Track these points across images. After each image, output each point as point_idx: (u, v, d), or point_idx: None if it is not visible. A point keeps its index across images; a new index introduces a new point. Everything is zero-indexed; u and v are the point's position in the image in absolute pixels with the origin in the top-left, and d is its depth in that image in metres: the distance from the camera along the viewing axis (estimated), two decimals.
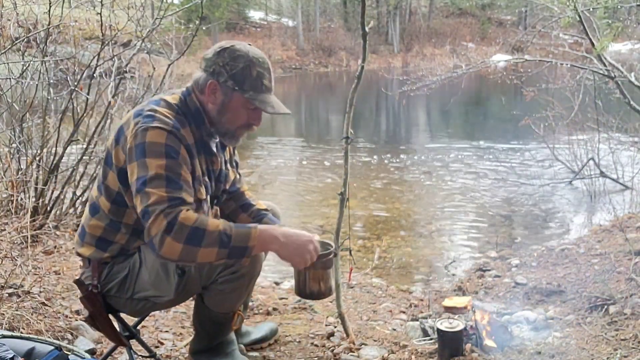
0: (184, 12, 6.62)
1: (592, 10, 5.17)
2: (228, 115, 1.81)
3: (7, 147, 3.73)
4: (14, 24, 3.78)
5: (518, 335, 2.45)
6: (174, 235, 1.57)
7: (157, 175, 1.63)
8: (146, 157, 1.65)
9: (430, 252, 4.57)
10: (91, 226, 1.86)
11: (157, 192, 1.61)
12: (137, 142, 1.67)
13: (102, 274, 1.88)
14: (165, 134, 1.68)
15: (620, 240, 3.59)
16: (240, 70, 1.76)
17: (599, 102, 6.35)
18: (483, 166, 7.84)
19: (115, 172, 1.77)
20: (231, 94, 1.79)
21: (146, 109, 1.75)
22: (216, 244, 1.60)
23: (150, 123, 1.69)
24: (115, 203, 1.81)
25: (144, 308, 1.95)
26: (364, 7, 2.35)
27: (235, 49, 1.78)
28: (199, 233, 1.59)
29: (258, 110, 1.82)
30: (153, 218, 1.59)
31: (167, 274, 1.83)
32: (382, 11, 31.53)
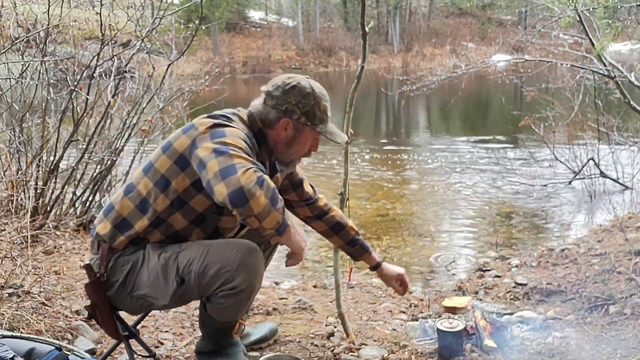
0: (184, 11, 6.62)
1: (592, 10, 5.17)
2: (296, 147, 1.97)
3: (7, 147, 3.72)
4: (13, 24, 3.77)
5: (518, 335, 2.45)
6: (264, 189, 1.64)
7: (238, 147, 1.72)
8: (225, 137, 1.75)
9: (430, 252, 4.57)
10: (121, 205, 1.90)
11: (242, 155, 1.69)
12: (215, 130, 1.78)
13: (109, 264, 1.90)
14: (243, 133, 1.82)
15: (620, 240, 3.59)
16: (311, 107, 1.92)
17: (599, 102, 6.34)
18: (483, 166, 7.83)
19: (169, 157, 1.83)
20: (302, 128, 1.94)
21: (222, 114, 1.88)
22: (281, 210, 1.71)
23: (230, 123, 1.83)
24: (156, 185, 1.86)
25: (141, 307, 1.96)
26: (364, 7, 2.35)
27: (303, 87, 1.92)
28: (277, 197, 1.69)
29: (318, 138, 1.99)
30: (242, 171, 1.64)
31: (166, 279, 1.84)
32: (382, 11, 31.52)
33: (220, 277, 1.79)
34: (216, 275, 1.79)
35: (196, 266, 1.80)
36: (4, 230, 3.10)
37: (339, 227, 2.27)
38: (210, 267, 1.79)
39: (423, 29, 32.37)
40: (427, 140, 10.87)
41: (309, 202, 2.24)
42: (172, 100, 4.66)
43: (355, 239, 2.29)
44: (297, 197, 2.23)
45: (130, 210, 1.88)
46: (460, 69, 6.50)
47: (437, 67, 8.35)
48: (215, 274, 1.79)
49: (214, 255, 1.80)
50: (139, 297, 1.91)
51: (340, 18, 33.16)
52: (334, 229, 2.27)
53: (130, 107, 4.25)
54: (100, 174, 4.07)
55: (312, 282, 3.55)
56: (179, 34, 5.06)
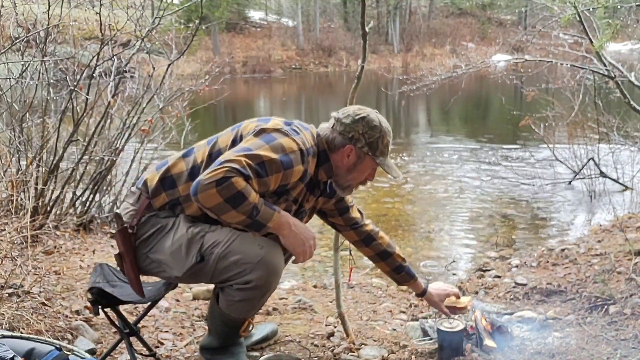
0: (184, 11, 6.62)
1: (592, 10, 5.16)
2: (355, 174, 2.05)
3: (7, 147, 3.72)
4: (13, 24, 3.77)
5: (518, 335, 2.45)
6: (220, 189, 1.71)
7: (256, 156, 1.78)
8: (267, 144, 1.82)
9: (430, 252, 4.57)
10: (174, 164, 1.98)
11: (243, 158, 1.76)
12: (271, 132, 1.86)
13: (142, 218, 1.95)
14: (296, 148, 1.87)
15: (620, 240, 3.58)
16: (375, 139, 2.01)
17: (599, 102, 6.34)
18: (483, 166, 7.83)
19: (233, 134, 1.94)
20: (364, 157, 2.02)
21: (296, 124, 1.98)
22: (247, 213, 1.76)
23: (294, 135, 1.89)
24: (211, 157, 1.92)
25: (152, 270, 2.00)
26: (364, 7, 2.35)
27: (371, 119, 2.01)
28: (240, 198, 1.74)
29: (376, 169, 2.07)
30: (217, 166, 1.73)
31: (188, 253, 1.89)
32: (382, 11, 31.53)
33: (238, 267, 1.84)
34: (235, 263, 1.84)
35: (220, 249, 1.85)
36: (4, 230, 3.10)
37: (385, 254, 2.33)
38: (232, 255, 1.84)
39: (423, 29, 32.37)
40: (427, 140, 10.87)
41: (355, 226, 2.30)
42: (172, 100, 4.66)
43: (402, 266, 2.36)
44: (344, 222, 2.29)
45: (181, 172, 1.95)
46: (460, 69, 6.49)
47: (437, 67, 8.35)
48: (235, 262, 1.84)
49: (239, 244, 1.85)
50: (154, 260, 1.95)
51: (340, 18, 33.16)
52: (381, 256, 2.33)
53: (130, 107, 4.25)
54: (100, 174, 4.07)
55: (312, 282, 3.56)
56: (179, 34, 5.06)
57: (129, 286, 2.02)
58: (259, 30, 31.85)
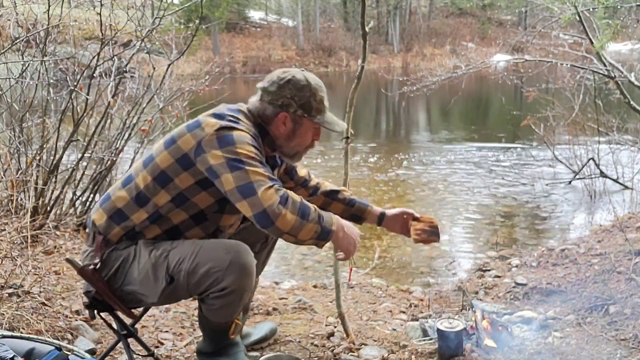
0: (184, 11, 6.62)
1: (592, 10, 5.17)
2: (297, 139, 1.97)
3: (7, 147, 3.72)
4: (13, 24, 3.78)
5: (518, 335, 2.45)
6: (290, 207, 1.69)
7: (250, 157, 1.74)
8: (235, 144, 1.75)
9: (430, 252, 4.57)
10: (117, 196, 1.91)
11: (256, 170, 1.72)
12: (222, 135, 1.77)
13: (103, 256, 1.90)
14: (249, 135, 1.81)
15: (620, 240, 3.58)
16: (307, 99, 1.92)
17: (599, 102, 6.34)
18: (483, 166, 7.83)
19: (172, 154, 1.83)
20: (300, 120, 1.94)
21: (227, 113, 1.86)
22: (316, 220, 1.74)
23: (235, 124, 1.82)
24: (156, 180, 1.85)
25: (131, 301, 1.96)
26: (364, 7, 2.36)
27: (298, 80, 1.92)
28: (307, 210, 1.73)
29: (318, 128, 1.98)
30: (262, 191, 1.68)
31: (156, 277, 1.84)
32: (382, 11, 31.52)
33: (210, 277, 1.79)
34: (206, 274, 1.78)
35: (186, 265, 1.80)
36: (4, 230, 3.10)
37: (334, 193, 2.28)
38: (200, 267, 1.78)
39: (423, 29, 32.37)
40: (427, 140, 10.87)
41: (305, 183, 2.28)
42: (172, 100, 4.66)
43: (353, 199, 2.30)
44: (295, 183, 2.26)
45: (126, 202, 1.88)
46: (460, 69, 6.50)
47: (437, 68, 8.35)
48: (205, 273, 1.78)
49: (204, 254, 1.79)
50: (128, 292, 1.91)
51: (340, 18, 33.16)
52: (331, 196, 2.28)
53: (130, 107, 4.24)
54: (100, 174, 4.07)
55: (312, 282, 3.56)
56: (179, 34, 5.06)
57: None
58: (259, 30, 31.85)
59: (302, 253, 4.49)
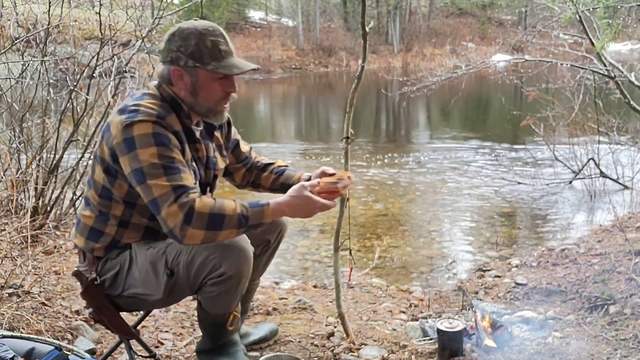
0: (184, 11, 6.62)
1: (592, 10, 5.17)
2: (202, 93, 1.83)
3: (7, 147, 3.72)
4: (13, 24, 3.78)
5: (518, 335, 2.45)
6: (194, 224, 1.66)
7: (153, 165, 1.69)
8: (137, 149, 1.70)
9: (430, 252, 4.57)
10: (84, 216, 1.92)
11: (159, 182, 1.67)
12: (125, 136, 1.71)
13: (97, 268, 1.91)
14: (150, 125, 1.72)
15: (620, 240, 3.58)
16: (194, 46, 1.78)
17: (599, 102, 6.34)
18: (483, 166, 7.84)
19: (101, 167, 1.82)
20: (196, 72, 1.80)
21: (130, 104, 1.78)
22: (235, 226, 1.70)
23: (135, 117, 1.73)
24: (102, 196, 1.85)
25: (135, 305, 1.97)
26: (364, 7, 2.35)
27: (183, 29, 1.80)
28: (218, 219, 1.68)
29: (228, 78, 1.84)
30: (166, 210, 1.66)
31: (156, 273, 1.85)
32: (382, 11, 31.51)
33: (208, 265, 1.80)
34: (204, 263, 1.79)
35: (184, 256, 1.81)
36: (4, 230, 3.10)
37: (267, 165, 2.20)
38: (197, 256, 1.79)
39: (423, 29, 32.36)
40: (427, 140, 10.87)
41: (245, 161, 2.19)
42: None
43: (283, 168, 2.19)
44: (235, 159, 2.17)
45: (94, 220, 1.89)
46: (460, 69, 6.50)
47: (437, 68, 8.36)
48: (202, 261, 1.79)
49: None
50: (130, 297, 1.92)
51: (340, 18, 33.15)
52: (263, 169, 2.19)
53: None
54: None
55: (312, 282, 3.56)
56: None
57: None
58: (259, 30, 31.85)
59: (302, 253, 4.50)
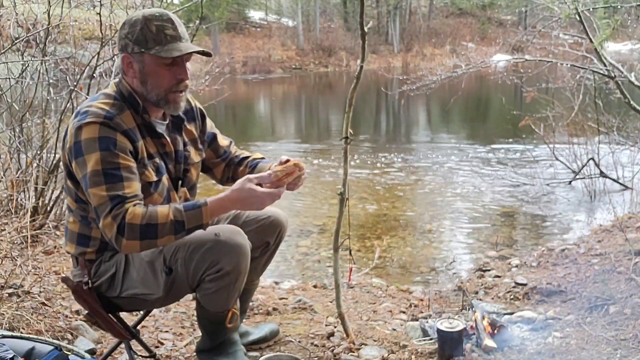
0: (184, 11, 6.62)
1: (592, 10, 5.17)
2: (150, 80, 1.79)
3: (7, 147, 3.73)
4: (13, 24, 3.78)
5: (518, 335, 2.45)
6: (127, 236, 1.66)
7: (95, 172, 1.69)
8: (84, 155, 1.71)
9: (430, 252, 4.57)
10: (70, 223, 1.93)
11: (98, 192, 1.68)
12: (75, 140, 1.73)
13: (91, 272, 1.91)
14: (97, 127, 1.71)
15: (620, 240, 3.58)
16: (139, 32, 1.75)
17: (599, 102, 6.34)
18: (483, 166, 7.83)
19: (65, 173, 1.84)
20: (142, 58, 1.77)
21: (83, 106, 1.78)
22: (171, 232, 1.70)
23: (84, 120, 1.72)
24: (77, 202, 1.86)
25: (134, 305, 1.97)
26: (363, 7, 2.35)
27: (132, 17, 1.79)
28: (150, 229, 1.67)
29: (178, 64, 1.79)
30: (102, 221, 1.68)
31: (155, 272, 1.85)
32: (382, 11, 31.51)
33: (206, 260, 1.80)
34: (202, 259, 1.80)
35: (182, 253, 1.81)
36: (4, 230, 3.10)
37: (243, 159, 2.16)
38: (195, 252, 1.80)
39: (423, 29, 32.35)
40: (427, 140, 10.87)
41: (224, 156, 2.14)
42: None
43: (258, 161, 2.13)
44: (213, 153, 2.12)
45: (79, 226, 1.89)
46: (460, 69, 6.50)
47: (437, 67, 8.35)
48: (200, 257, 1.80)
49: (197, 240, 1.80)
50: (128, 297, 1.91)
51: (340, 18, 33.14)
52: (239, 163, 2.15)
53: None
54: None
55: (312, 282, 3.56)
56: None
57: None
58: (259, 30, 31.84)
59: (302, 253, 4.50)
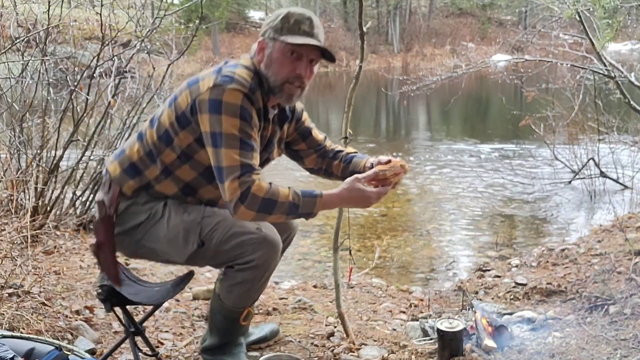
0: (184, 11, 6.62)
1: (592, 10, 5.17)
2: (273, 66, 1.87)
3: (7, 147, 3.72)
4: (13, 24, 3.78)
5: (518, 335, 2.45)
6: (248, 204, 1.73)
7: (232, 136, 1.74)
8: (222, 114, 1.75)
9: (430, 252, 4.57)
10: (132, 149, 1.94)
11: (231, 154, 1.74)
12: (213, 97, 1.76)
13: (118, 206, 1.93)
14: (241, 96, 1.77)
15: (620, 240, 3.59)
16: (279, 21, 1.87)
17: (599, 102, 6.34)
18: (483, 166, 7.83)
19: (173, 112, 1.86)
20: (273, 44, 1.87)
21: (225, 69, 1.83)
22: (285, 212, 1.77)
23: (229, 84, 1.77)
24: (161, 139, 1.88)
25: (146, 255, 2.01)
26: (361, 7, 2.35)
27: (280, 12, 1.90)
28: (270, 204, 1.75)
29: (302, 60, 1.87)
30: (228, 183, 1.74)
31: (187, 241, 1.88)
32: (382, 11, 31.51)
33: (240, 248, 1.84)
34: (238, 245, 1.84)
35: (220, 233, 1.85)
36: (4, 230, 3.10)
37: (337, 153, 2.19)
38: (233, 238, 1.84)
39: (423, 29, 32.35)
40: (427, 140, 10.86)
41: (319, 148, 2.18)
42: None
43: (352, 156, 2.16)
44: (306, 145, 2.18)
45: (140, 157, 1.92)
46: (460, 69, 6.50)
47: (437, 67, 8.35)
48: (237, 244, 1.84)
49: (240, 226, 1.85)
50: (148, 248, 1.94)
51: (340, 18, 33.13)
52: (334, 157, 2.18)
53: (130, 107, 4.24)
54: (100, 174, 4.07)
55: (312, 282, 3.55)
56: (179, 34, 5.06)
57: (137, 286, 2.00)
58: (259, 30, 31.74)
59: (302, 253, 4.50)
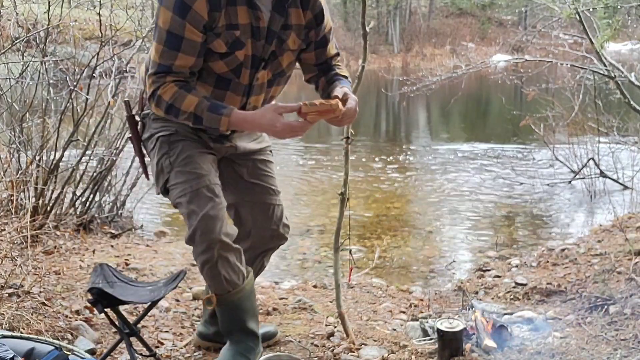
0: None
1: (592, 10, 5.17)
2: None
3: (7, 147, 3.72)
4: (13, 24, 3.78)
5: (518, 335, 2.45)
6: (156, 103, 1.83)
7: (161, 30, 1.76)
8: (161, 6, 1.75)
9: (430, 252, 4.57)
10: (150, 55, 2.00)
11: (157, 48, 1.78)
12: None
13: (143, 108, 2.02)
14: None
15: (620, 240, 3.58)
16: None
17: (599, 102, 6.34)
18: (483, 166, 7.83)
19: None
20: None
21: None
22: (189, 121, 1.83)
23: None
24: None
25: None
26: (365, 7, 2.35)
27: None
28: (174, 109, 1.80)
29: None
30: (149, 76, 1.82)
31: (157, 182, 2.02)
32: (382, 11, 31.50)
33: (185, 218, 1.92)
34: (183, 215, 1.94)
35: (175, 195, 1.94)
36: (4, 230, 3.10)
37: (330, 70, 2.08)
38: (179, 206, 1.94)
39: (423, 29, 32.34)
40: (427, 139, 10.86)
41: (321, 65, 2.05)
42: None
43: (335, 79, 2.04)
44: (315, 58, 2.02)
45: None
46: (460, 69, 6.50)
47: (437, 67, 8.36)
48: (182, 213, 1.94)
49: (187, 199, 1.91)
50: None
51: (340, 18, 33.12)
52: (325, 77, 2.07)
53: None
54: (100, 174, 4.07)
55: (312, 282, 3.55)
56: None
57: (129, 286, 2.01)
58: None
59: (302, 253, 4.50)
